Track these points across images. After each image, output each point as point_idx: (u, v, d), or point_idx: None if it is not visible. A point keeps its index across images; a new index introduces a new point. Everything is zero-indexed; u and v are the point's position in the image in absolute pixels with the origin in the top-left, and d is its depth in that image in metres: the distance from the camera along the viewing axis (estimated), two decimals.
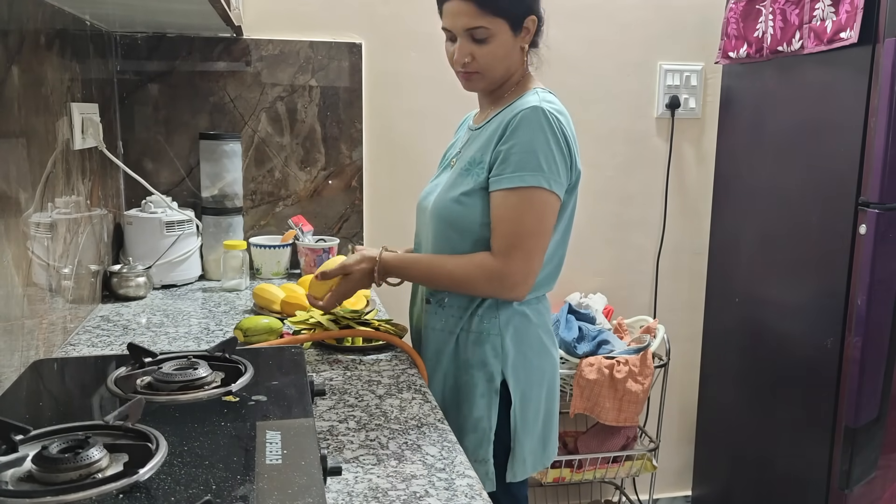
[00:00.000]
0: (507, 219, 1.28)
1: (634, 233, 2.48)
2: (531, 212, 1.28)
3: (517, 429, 1.37)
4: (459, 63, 1.35)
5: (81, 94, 1.62)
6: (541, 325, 1.41)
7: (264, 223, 2.15)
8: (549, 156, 1.27)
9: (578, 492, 2.55)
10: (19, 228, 1.19)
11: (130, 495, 0.69)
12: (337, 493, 0.89)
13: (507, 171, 1.28)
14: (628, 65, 2.37)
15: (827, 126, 1.93)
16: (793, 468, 2.09)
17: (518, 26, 1.33)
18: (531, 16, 1.34)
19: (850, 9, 1.79)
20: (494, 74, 1.36)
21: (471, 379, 1.36)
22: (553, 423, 1.46)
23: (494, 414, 1.36)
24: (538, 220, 1.29)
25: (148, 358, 1.04)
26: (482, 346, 1.36)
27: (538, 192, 1.27)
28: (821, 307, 1.96)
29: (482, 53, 1.33)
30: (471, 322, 1.37)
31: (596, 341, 2.14)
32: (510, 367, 1.35)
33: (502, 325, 1.36)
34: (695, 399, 2.61)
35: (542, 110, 1.27)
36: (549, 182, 1.27)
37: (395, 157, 2.22)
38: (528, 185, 1.26)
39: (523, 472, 1.40)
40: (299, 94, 2.11)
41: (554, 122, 1.28)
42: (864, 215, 1.81)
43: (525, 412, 1.37)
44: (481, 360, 1.36)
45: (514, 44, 1.34)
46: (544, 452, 1.44)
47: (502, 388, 1.36)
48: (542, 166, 1.26)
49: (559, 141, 1.28)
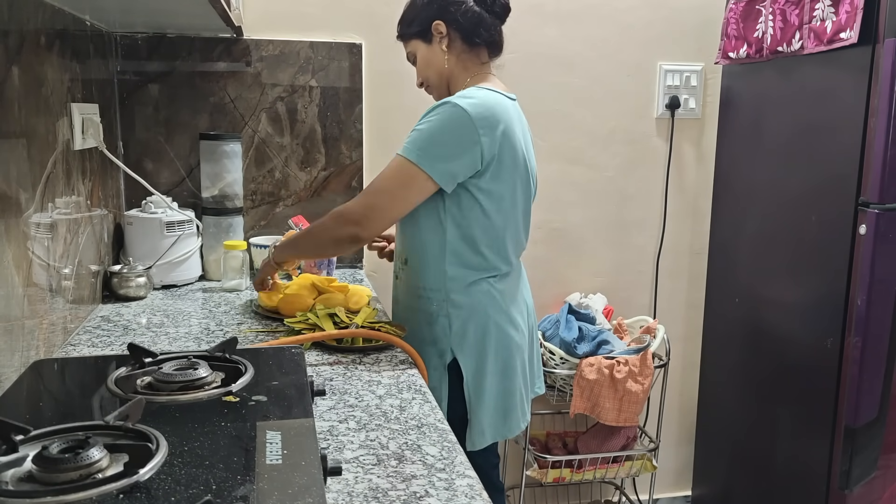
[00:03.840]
0: (378, 175, 1.46)
1: (634, 233, 2.48)
2: (395, 177, 1.43)
3: (471, 401, 1.50)
4: (417, 86, 1.64)
5: (82, 95, 1.62)
6: (493, 309, 1.52)
7: (264, 223, 2.15)
8: (430, 139, 1.41)
9: (578, 492, 2.55)
10: (19, 229, 1.19)
11: (131, 495, 0.69)
12: (337, 493, 0.89)
13: (403, 144, 1.45)
14: (628, 65, 2.37)
15: (827, 126, 1.93)
16: (793, 468, 2.09)
17: (427, 36, 1.55)
18: (435, 21, 1.53)
19: (850, 9, 1.79)
20: (432, 80, 1.59)
21: (425, 354, 1.49)
22: (514, 398, 1.56)
23: (445, 386, 1.50)
24: (397, 184, 1.43)
25: (148, 358, 1.04)
26: (433, 325, 1.51)
27: (409, 165, 1.41)
28: (821, 307, 1.96)
29: (419, 71, 1.60)
30: (422, 302, 1.53)
31: (596, 341, 2.14)
32: (458, 347, 1.50)
33: (451, 308, 1.49)
34: (695, 399, 2.61)
35: (448, 103, 1.42)
36: (419, 160, 1.40)
37: None
38: (403, 156, 1.42)
39: (482, 441, 1.52)
40: (299, 94, 2.11)
41: (453, 113, 1.41)
42: (864, 215, 1.81)
43: (479, 386, 1.50)
44: (433, 337, 1.51)
45: (431, 51, 1.56)
46: (505, 423, 1.56)
47: (454, 364, 1.50)
48: (420, 145, 1.41)
49: (450, 129, 1.41)
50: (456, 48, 1.54)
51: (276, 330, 1.56)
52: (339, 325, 1.48)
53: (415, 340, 1.51)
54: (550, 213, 2.38)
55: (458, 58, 1.55)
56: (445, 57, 1.55)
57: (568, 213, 2.42)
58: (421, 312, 1.53)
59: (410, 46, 1.59)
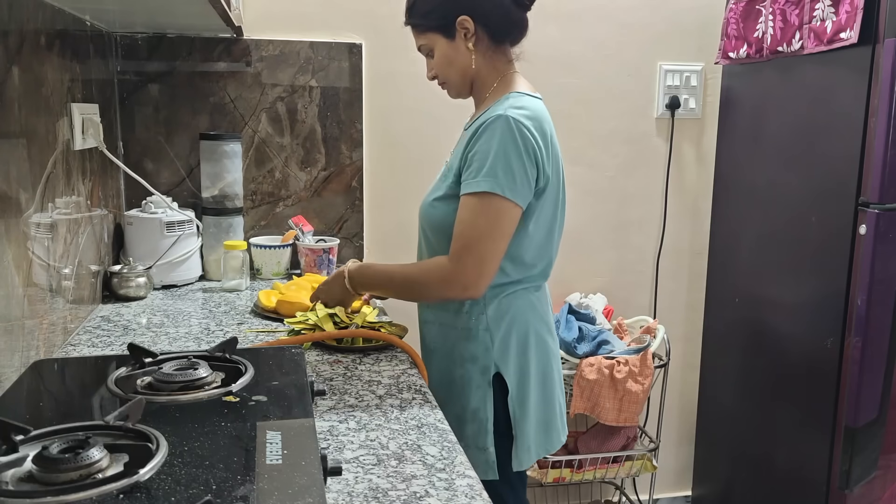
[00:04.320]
0: (462, 222, 1.32)
1: (634, 233, 2.48)
2: (484, 216, 1.30)
3: (516, 418, 1.41)
4: (429, 78, 1.48)
5: (82, 95, 1.62)
6: (532, 317, 1.44)
7: (264, 223, 2.15)
8: (506, 164, 1.29)
9: (578, 492, 2.55)
10: (20, 229, 1.19)
11: (131, 495, 0.69)
12: (337, 493, 0.89)
13: (470, 177, 1.32)
14: (628, 65, 2.37)
15: (827, 126, 1.93)
16: (793, 468, 2.09)
17: (450, 32, 1.40)
18: (461, 16, 1.38)
19: (850, 9, 1.79)
20: (453, 80, 1.45)
21: (465, 372, 1.41)
22: (554, 410, 1.49)
23: (490, 404, 1.40)
24: (491, 224, 1.31)
25: (148, 358, 1.04)
26: (472, 341, 1.41)
27: (493, 199, 1.29)
28: (821, 307, 1.96)
29: (435, 65, 1.44)
30: (459, 318, 1.42)
31: (596, 341, 2.14)
32: (502, 360, 1.40)
33: (490, 321, 1.40)
34: (695, 399, 2.61)
35: (507, 118, 1.30)
36: (502, 189, 1.29)
37: (395, 157, 2.22)
38: (483, 191, 1.30)
39: (528, 459, 1.43)
40: (299, 94, 2.11)
41: (517, 130, 1.30)
42: (864, 215, 1.81)
43: (523, 401, 1.41)
44: (473, 354, 1.41)
45: (454, 48, 1.41)
46: (547, 438, 1.47)
47: (498, 378, 1.40)
48: (497, 174, 1.29)
49: (519, 149, 1.30)
50: (482, 46, 1.41)
51: (276, 330, 1.56)
52: (339, 325, 1.48)
53: (451, 359, 1.43)
54: None
55: (486, 56, 1.42)
56: (472, 56, 1.40)
57: (568, 213, 2.40)
58: (458, 329, 1.42)
59: (426, 39, 1.42)
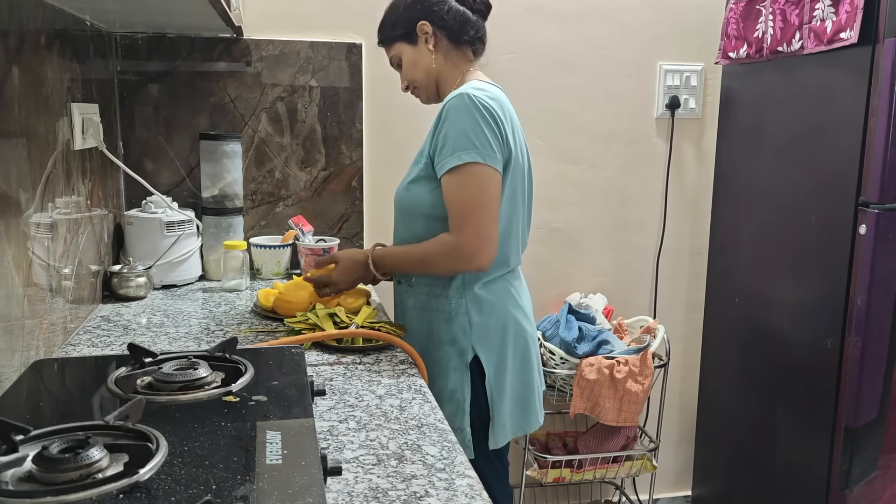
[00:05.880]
0: (453, 196, 1.40)
1: (634, 233, 2.48)
2: (471, 185, 1.39)
3: (493, 398, 1.49)
4: (402, 89, 1.61)
5: (82, 95, 1.62)
6: (509, 301, 1.52)
7: (264, 223, 2.15)
8: (478, 133, 1.38)
9: (578, 492, 2.55)
10: (19, 229, 1.19)
11: (131, 495, 0.69)
12: (337, 493, 0.89)
13: (446, 156, 1.40)
14: (628, 65, 2.37)
15: (827, 126, 1.93)
16: (793, 468, 2.09)
17: (412, 38, 1.54)
18: (420, 21, 1.51)
19: (850, 9, 1.79)
20: (420, 80, 1.57)
21: (444, 354, 1.49)
22: (532, 392, 1.57)
23: (467, 386, 1.48)
24: (479, 191, 1.39)
25: (148, 358, 1.04)
26: (451, 324, 1.49)
27: (474, 167, 1.38)
28: (821, 307, 1.96)
29: (404, 74, 1.58)
30: (439, 302, 1.50)
31: (596, 341, 2.14)
32: (480, 343, 1.48)
33: (469, 304, 1.48)
34: (695, 399, 2.61)
35: (466, 94, 1.39)
36: (482, 157, 1.38)
37: (395, 157, 2.22)
38: (464, 162, 1.38)
39: (504, 437, 1.52)
40: (299, 94, 2.11)
41: (479, 103, 1.38)
42: (864, 215, 1.81)
43: (500, 383, 1.50)
44: (451, 337, 1.49)
45: (417, 52, 1.54)
46: (525, 418, 1.56)
47: (475, 361, 1.48)
48: (474, 144, 1.38)
49: (486, 119, 1.38)
50: (443, 47, 1.54)
51: (276, 330, 1.56)
52: (339, 325, 1.48)
53: (431, 342, 1.50)
54: (550, 213, 2.38)
55: (446, 56, 1.54)
56: (433, 56, 1.53)
57: (568, 213, 2.42)
58: (437, 312, 1.51)
59: (394, 50, 1.57)
